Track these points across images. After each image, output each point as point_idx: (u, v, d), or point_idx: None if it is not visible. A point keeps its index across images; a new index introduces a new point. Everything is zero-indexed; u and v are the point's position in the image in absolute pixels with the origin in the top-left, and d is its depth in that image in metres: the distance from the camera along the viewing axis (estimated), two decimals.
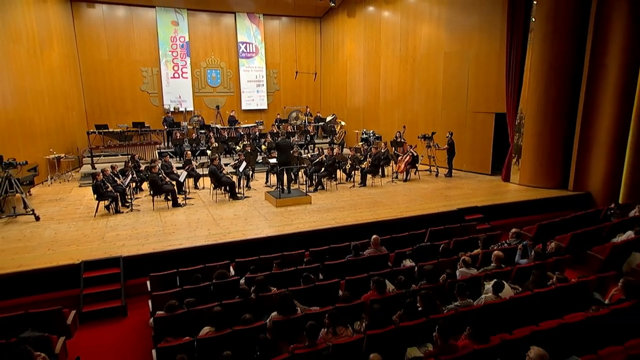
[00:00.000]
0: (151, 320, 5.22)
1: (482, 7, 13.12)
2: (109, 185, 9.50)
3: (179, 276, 6.36)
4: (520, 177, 12.26)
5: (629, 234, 7.53)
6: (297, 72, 18.83)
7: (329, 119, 18.57)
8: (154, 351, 4.63)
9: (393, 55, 16.78)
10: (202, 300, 5.48)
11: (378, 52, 17.58)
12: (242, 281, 6.13)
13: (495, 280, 5.60)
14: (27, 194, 10.07)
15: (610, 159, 10.65)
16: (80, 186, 12.66)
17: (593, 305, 5.22)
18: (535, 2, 11.24)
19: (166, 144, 16.12)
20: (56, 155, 12.69)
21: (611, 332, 4.61)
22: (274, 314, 5.12)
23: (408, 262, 6.99)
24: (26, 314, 4.93)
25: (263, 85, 20.20)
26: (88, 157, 14.03)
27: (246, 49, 19.63)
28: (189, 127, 16.72)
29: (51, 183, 12.85)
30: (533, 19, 11.36)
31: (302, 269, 6.53)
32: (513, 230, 7.81)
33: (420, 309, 5.09)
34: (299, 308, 5.32)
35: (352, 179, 13.08)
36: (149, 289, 6.24)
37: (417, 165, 13.41)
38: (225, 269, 6.49)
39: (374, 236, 7.43)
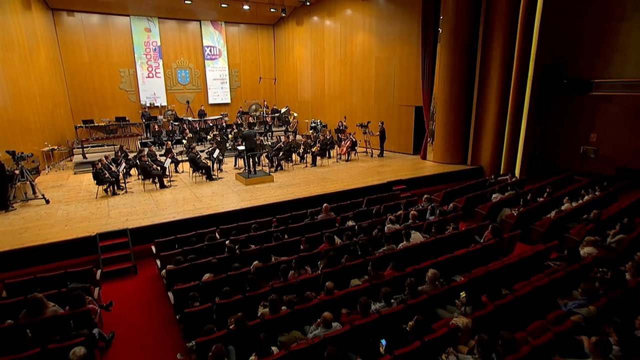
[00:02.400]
0: (163, 272, 5.82)
1: (403, 19, 13.56)
2: (106, 172, 9.57)
3: (177, 241, 6.81)
4: (433, 155, 12.99)
5: (501, 196, 8.80)
6: (260, 78, 19.05)
7: (283, 110, 18.64)
8: (170, 293, 5.33)
9: (334, 58, 17.05)
10: (198, 257, 6.01)
11: (322, 55, 17.77)
12: (227, 242, 6.62)
13: (404, 230, 6.59)
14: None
15: (495, 142, 11.62)
16: (75, 173, 12.39)
17: (473, 243, 6.51)
18: (441, 18, 11.77)
19: (145, 135, 15.87)
20: (50, 148, 12.38)
21: (481, 259, 5.85)
22: (255, 262, 5.85)
23: (350, 222, 7.65)
24: (66, 273, 5.39)
25: (226, 82, 20.13)
26: (78, 148, 13.71)
27: (211, 52, 19.46)
28: (164, 120, 16.51)
29: (48, 172, 12.52)
30: (440, 30, 11.91)
31: (272, 231, 7.10)
32: (425, 196, 8.77)
33: (359, 253, 5.99)
34: (273, 258, 6.05)
35: (304, 161, 13.36)
36: (154, 252, 6.70)
37: (356, 148, 13.94)
38: (213, 234, 7.02)
39: (325, 204, 8.01)
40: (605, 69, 10.03)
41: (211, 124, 16.35)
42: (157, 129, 15.32)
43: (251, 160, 11.34)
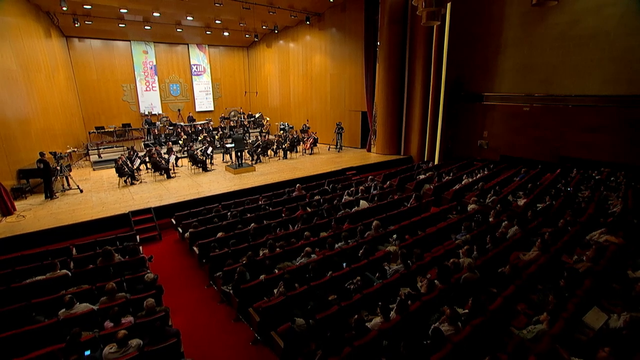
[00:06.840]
0: (187, 234, 6.61)
1: (351, 44, 14.38)
2: (125, 167, 9.86)
3: (191, 214, 7.56)
4: (376, 149, 13.83)
5: (424, 176, 10.16)
6: (245, 92, 19.44)
7: (257, 115, 19.05)
8: (195, 247, 6.20)
9: (298, 74, 17.67)
10: (211, 224, 6.83)
11: (288, 72, 18.32)
12: (229, 213, 7.44)
13: (351, 199, 7.78)
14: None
15: (420, 137, 12.87)
16: (94, 169, 12.33)
17: (402, 207, 7.86)
18: (378, 44, 12.81)
19: (146, 137, 15.85)
20: (72, 150, 12.25)
21: (408, 216, 7.19)
22: (253, 224, 6.80)
23: (317, 197, 8.61)
24: (117, 237, 6.03)
25: (210, 93, 20.30)
26: (93, 149, 13.81)
27: (197, 69, 19.60)
28: (161, 125, 16.52)
29: (71, 169, 12.37)
30: (377, 50, 12.83)
31: (261, 204, 7.99)
32: (370, 177, 9.98)
33: (325, 216, 7.11)
34: (264, 221, 7.07)
35: (277, 155, 13.81)
36: (174, 223, 7.38)
37: (317, 144, 14.69)
38: (217, 208, 7.76)
39: (297, 185, 8.97)
40: (491, 86, 11.67)
41: (200, 128, 16.55)
42: (156, 133, 15.40)
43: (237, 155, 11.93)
